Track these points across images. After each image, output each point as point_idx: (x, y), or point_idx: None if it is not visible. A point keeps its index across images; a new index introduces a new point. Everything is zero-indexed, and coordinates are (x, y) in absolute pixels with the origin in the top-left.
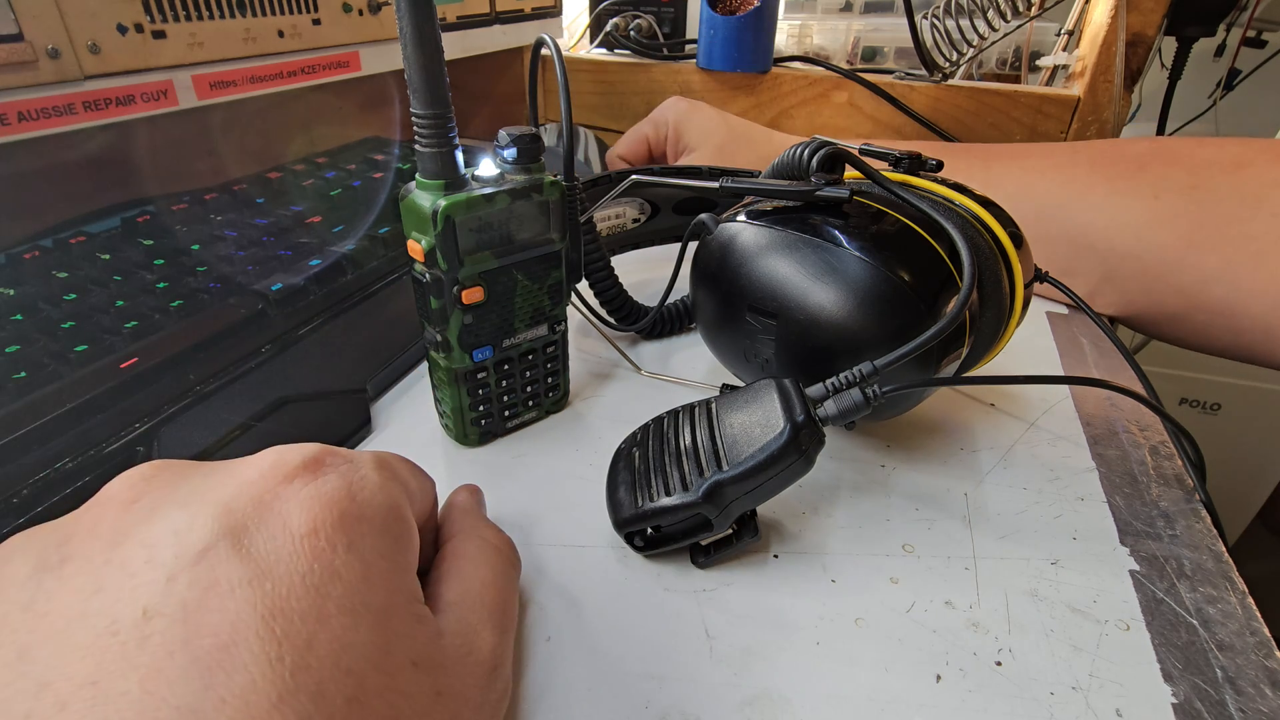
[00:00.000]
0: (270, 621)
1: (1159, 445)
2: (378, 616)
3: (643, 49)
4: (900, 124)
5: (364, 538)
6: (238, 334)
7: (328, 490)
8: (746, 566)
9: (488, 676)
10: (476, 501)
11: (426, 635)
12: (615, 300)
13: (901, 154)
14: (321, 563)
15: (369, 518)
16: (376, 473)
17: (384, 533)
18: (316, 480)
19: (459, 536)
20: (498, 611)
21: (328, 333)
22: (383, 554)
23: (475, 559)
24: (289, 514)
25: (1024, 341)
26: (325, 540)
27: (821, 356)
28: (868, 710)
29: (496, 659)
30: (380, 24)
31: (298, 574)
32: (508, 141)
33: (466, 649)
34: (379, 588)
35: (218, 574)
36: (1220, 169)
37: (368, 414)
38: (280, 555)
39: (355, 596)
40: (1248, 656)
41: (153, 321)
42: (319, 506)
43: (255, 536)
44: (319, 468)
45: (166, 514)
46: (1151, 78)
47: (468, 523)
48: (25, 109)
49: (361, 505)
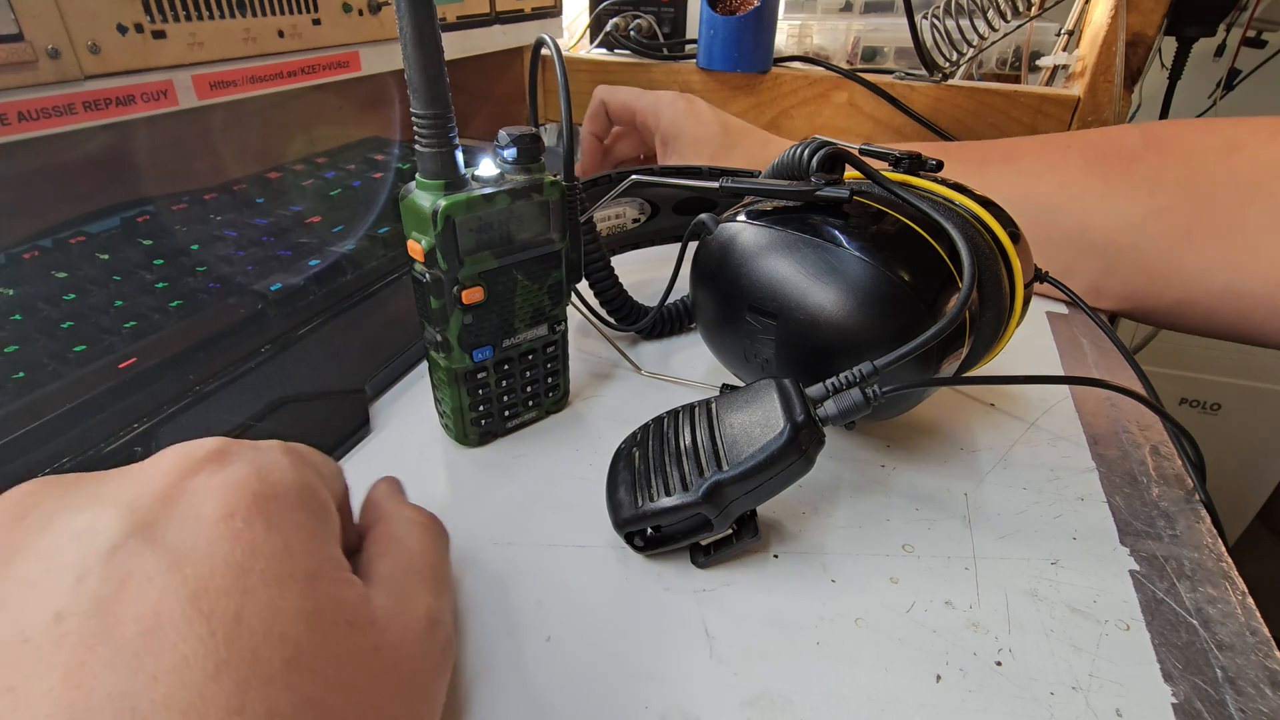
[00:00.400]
0: (195, 601)
1: (1159, 445)
2: (304, 583)
3: (643, 49)
4: (900, 124)
5: (281, 515)
6: (237, 334)
7: (237, 476)
8: (746, 566)
9: (427, 631)
10: (395, 489)
11: (356, 596)
12: (615, 300)
13: (901, 154)
14: (241, 542)
15: (283, 496)
16: (284, 456)
17: (300, 508)
18: (224, 469)
19: (382, 521)
20: (430, 577)
21: (327, 333)
22: (301, 527)
23: (400, 537)
24: (200, 503)
25: (1024, 341)
26: (242, 521)
27: (821, 356)
28: (868, 710)
29: (434, 616)
30: (380, 24)
31: (218, 556)
32: (508, 141)
33: (401, 608)
34: (303, 557)
35: (131, 567)
36: (1213, 155)
37: (366, 414)
38: (197, 541)
39: (280, 567)
40: (1248, 656)
41: (152, 322)
42: (231, 492)
43: (166, 529)
44: (224, 457)
45: (63, 522)
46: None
47: (388, 507)
48: (25, 109)
49: (273, 485)
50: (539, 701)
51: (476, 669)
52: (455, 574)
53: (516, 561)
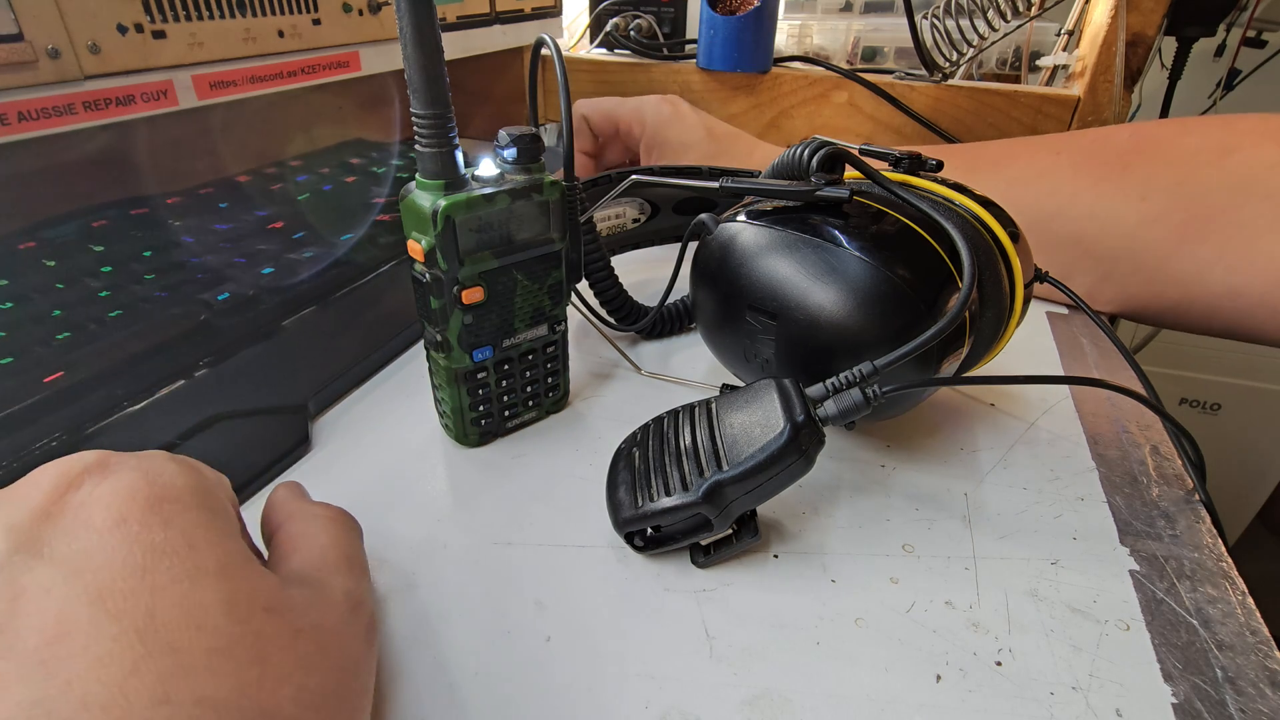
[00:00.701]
0: (101, 604)
1: (1159, 445)
2: (216, 576)
3: (643, 49)
4: (900, 124)
5: (177, 515)
6: (175, 347)
7: (124, 483)
8: (746, 566)
9: (348, 610)
10: (298, 491)
11: (271, 584)
12: (615, 300)
13: (901, 154)
14: (140, 545)
15: (177, 498)
16: (171, 463)
17: (198, 507)
18: (107, 479)
19: (286, 522)
20: (344, 564)
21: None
22: (201, 524)
23: (309, 534)
24: (88, 514)
25: (1024, 341)
26: (137, 525)
27: (821, 356)
28: (868, 710)
29: (354, 599)
30: (380, 24)
31: (117, 560)
32: (508, 141)
33: (317, 593)
34: (209, 551)
35: (23, 583)
36: (1206, 157)
37: (306, 432)
38: (92, 550)
39: (186, 563)
40: (1248, 656)
41: (87, 333)
42: (120, 499)
43: (55, 543)
44: (104, 468)
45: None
46: (1151, 78)
47: (291, 507)
48: (25, 109)
49: (165, 488)
50: (539, 701)
51: (476, 669)
52: (455, 574)
53: (516, 561)
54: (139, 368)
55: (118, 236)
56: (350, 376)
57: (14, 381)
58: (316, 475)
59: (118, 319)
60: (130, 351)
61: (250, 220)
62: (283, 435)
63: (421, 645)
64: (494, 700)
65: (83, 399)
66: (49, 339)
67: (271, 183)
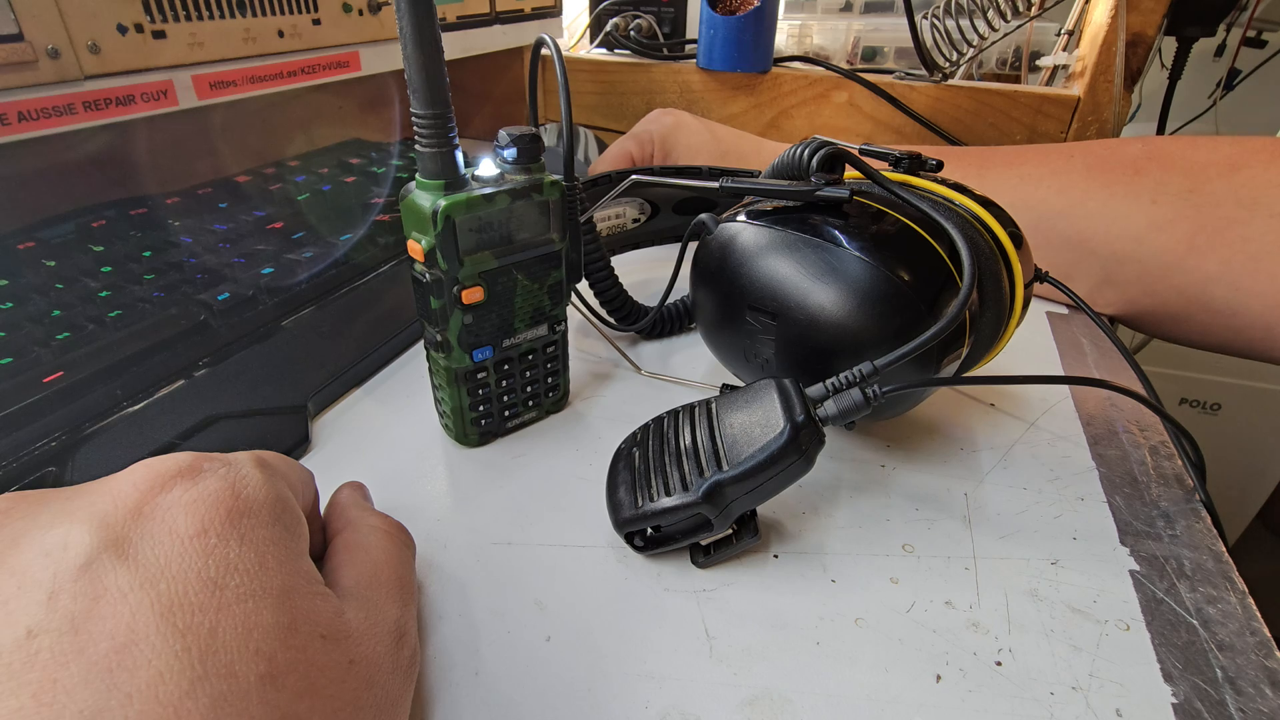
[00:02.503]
0: (169, 617)
1: (1159, 445)
2: (279, 598)
3: (643, 49)
4: (900, 124)
5: (254, 530)
6: (174, 347)
7: (211, 491)
8: (746, 566)
9: (395, 643)
10: (360, 495)
11: (330, 610)
12: (615, 300)
13: (901, 154)
14: (215, 558)
15: (256, 512)
16: (257, 470)
17: (274, 523)
18: (197, 484)
19: (347, 529)
20: (396, 587)
21: (273, 345)
22: (275, 542)
23: (366, 545)
24: (173, 519)
25: (1024, 341)
26: (216, 537)
27: (821, 356)
28: (868, 710)
29: (401, 628)
30: (380, 24)
31: (192, 572)
32: (508, 141)
33: (371, 620)
34: (276, 573)
35: (105, 583)
36: (1216, 171)
37: (306, 432)
38: (170, 558)
39: (254, 583)
40: (1248, 656)
41: (86, 333)
42: (204, 508)
43: (140, 545)
44: (196, 473)
45: (33, 540)
46: (1151, 78)
47: (353, 514)
48: (25, 109)
49: (247, 501)
50: (539, 701)
51: (476, 669)
52: (455, 574)
53: (516, 561)
54: (138, 368)
55: (117, 237)
56: (350, 376)
57: (13, 381)
58: (316, 475)
59: (117, 319)
60: (129, 351)
61: (250, 220)
62: (282, 435)
63: (421, 645)
64: (494, 700)
65: (82, 399)
66: (48, 339)
67: (271, 183)
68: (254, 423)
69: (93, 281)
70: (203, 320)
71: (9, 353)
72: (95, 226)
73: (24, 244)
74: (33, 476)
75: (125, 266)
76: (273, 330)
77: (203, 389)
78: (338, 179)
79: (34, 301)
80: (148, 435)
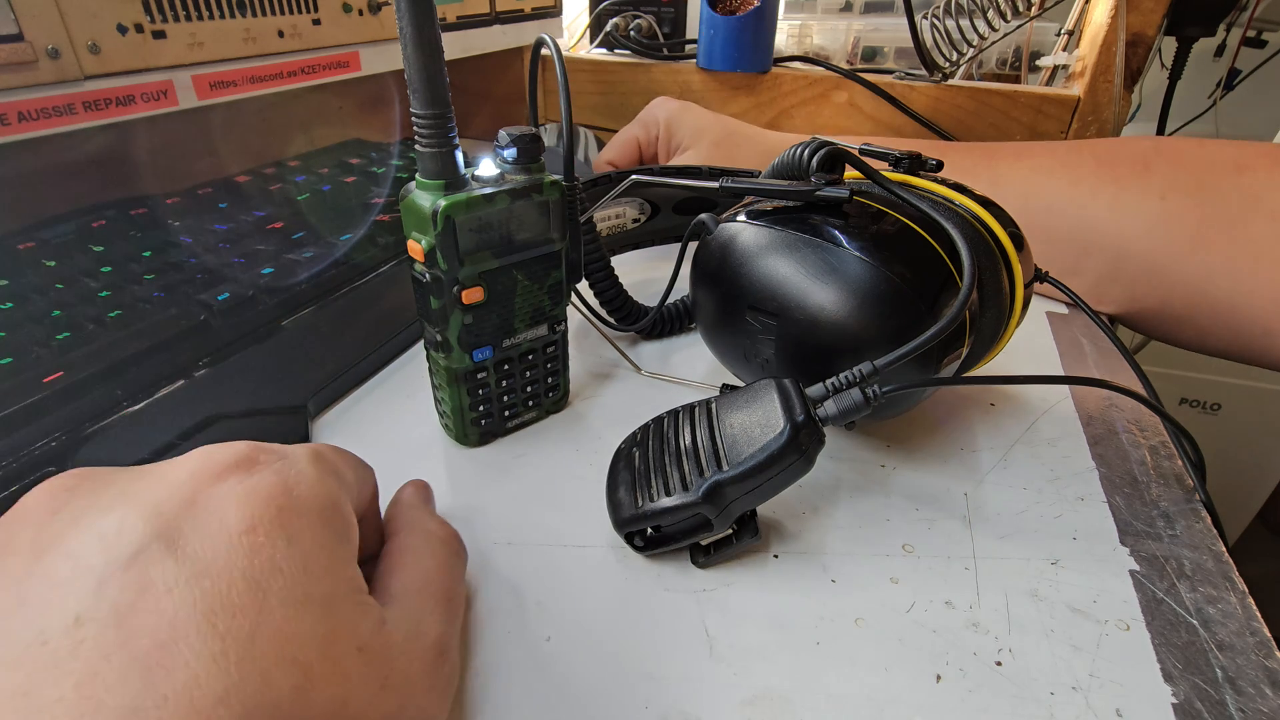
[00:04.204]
0: (211, 617)
1: (1159, 445)
2: (321, 606)
3: (643, 49)
4: (900, 124)
5: (303, 531)
6: (174, 347)
7: (264, 486)
8: (746, 566)
9: (435, 661)
10: (423, 497)
11: (371, 622)
12: (615, 300)
13: (901, 154)
14: (261, 558)
15: (307, 512)
16: (312, 467)
17: (323, 526)
18: (251, 477)
19: (404, 531)
20: (443, 600)
21: (272, 345)
22: (323, 546)
23: (420, 551)
24: (224, 512)
25: (1024, 341)
26: (264, 536)
27: (821, 356)
28: (868, 710)
29: (443, 644)
30: (380, 24)
31: (237, 570)
32: (508, 141)
33: (412, 635)
34: (321, 578)
35: (152, 575)
36: (1223, 170)
37: (306, 432)
38: (217, 553)
39: (297, 588)
40: (1248, 656)
41: (86, 333)
42: (255, 503)
43: (190, 537)
44: (252, 465)
45: (91, 522)
46: (1151, 78)
47: (412, 517)
48: (25, 109)
49: (299, 500)
50: (539, 702)
51: (476, 669)
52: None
53: (516, 561)
54: (138, 368)
55: (117, 237)
56: (350, 376)
57: (13, 381)
58: None
59: (117, 319)
60: (129, 351)
61: (250, 220)
62: (282, 435)
63: None
64: (494, 700)
65: (82, 399)
66: (48, 339)
67: (271, 183)
68: (254, 423)
69: (93, 281)
70: (203, 320)
71: (9, 353)
72: (95, 226)
73: (24, 244)
74: (32, 476)
75: (125, 266)
76: (273, 330)
77: (203, 389)
78: (338, 179)
79: (34, 301)
80: (148, 435)
